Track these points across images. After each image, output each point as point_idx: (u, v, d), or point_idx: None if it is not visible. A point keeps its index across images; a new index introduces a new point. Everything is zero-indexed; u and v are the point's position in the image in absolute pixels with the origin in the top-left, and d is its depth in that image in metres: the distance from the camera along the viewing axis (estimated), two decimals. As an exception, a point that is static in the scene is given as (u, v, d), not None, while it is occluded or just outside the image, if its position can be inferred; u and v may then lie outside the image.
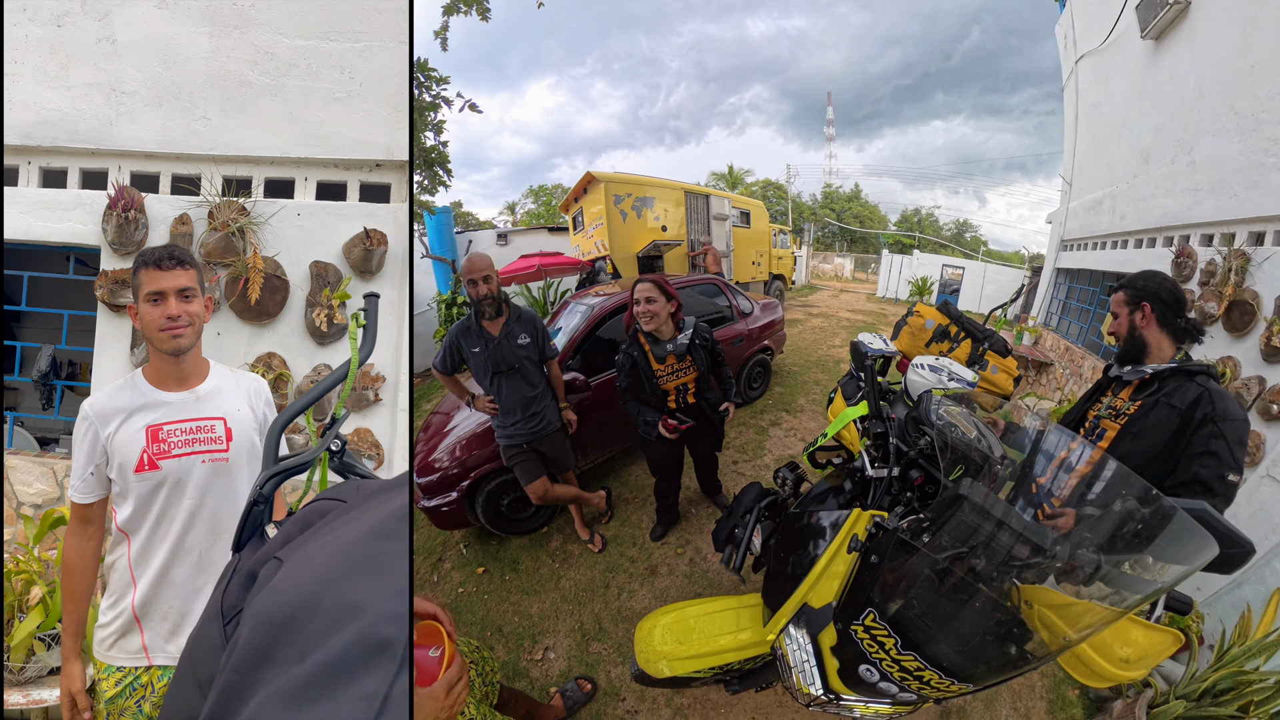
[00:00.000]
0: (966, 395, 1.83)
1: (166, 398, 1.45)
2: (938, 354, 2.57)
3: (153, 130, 2.37)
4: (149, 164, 2.43)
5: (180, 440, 1.42)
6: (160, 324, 1.38)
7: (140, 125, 2.36)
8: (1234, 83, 3.58)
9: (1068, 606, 1.10)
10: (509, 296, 3.17)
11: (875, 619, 1.19)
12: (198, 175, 2.41)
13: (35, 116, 2.32)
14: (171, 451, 1.41)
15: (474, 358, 2.67)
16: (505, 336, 2.64)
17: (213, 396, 1.49)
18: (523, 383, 2.72)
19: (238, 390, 1.54)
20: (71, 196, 2.37)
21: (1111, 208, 5.52)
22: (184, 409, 1.45)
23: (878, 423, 1.63)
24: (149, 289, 1.37)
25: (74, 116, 2.34)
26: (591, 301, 4.08)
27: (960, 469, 1.31)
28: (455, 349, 2.69)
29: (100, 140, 2.36)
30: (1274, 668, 1.96)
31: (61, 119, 2.34)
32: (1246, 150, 3.35)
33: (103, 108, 2.34)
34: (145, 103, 2.35)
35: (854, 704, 1.28)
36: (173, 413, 1.44)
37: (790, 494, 1.91)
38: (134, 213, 2.32)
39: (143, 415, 1.41)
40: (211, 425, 1.46)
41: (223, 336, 2.40)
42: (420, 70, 7.32)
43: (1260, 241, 3.22)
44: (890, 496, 1.49)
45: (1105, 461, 1.25)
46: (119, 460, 1.39)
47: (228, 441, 1.47)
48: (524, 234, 10.58)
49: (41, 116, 2.33)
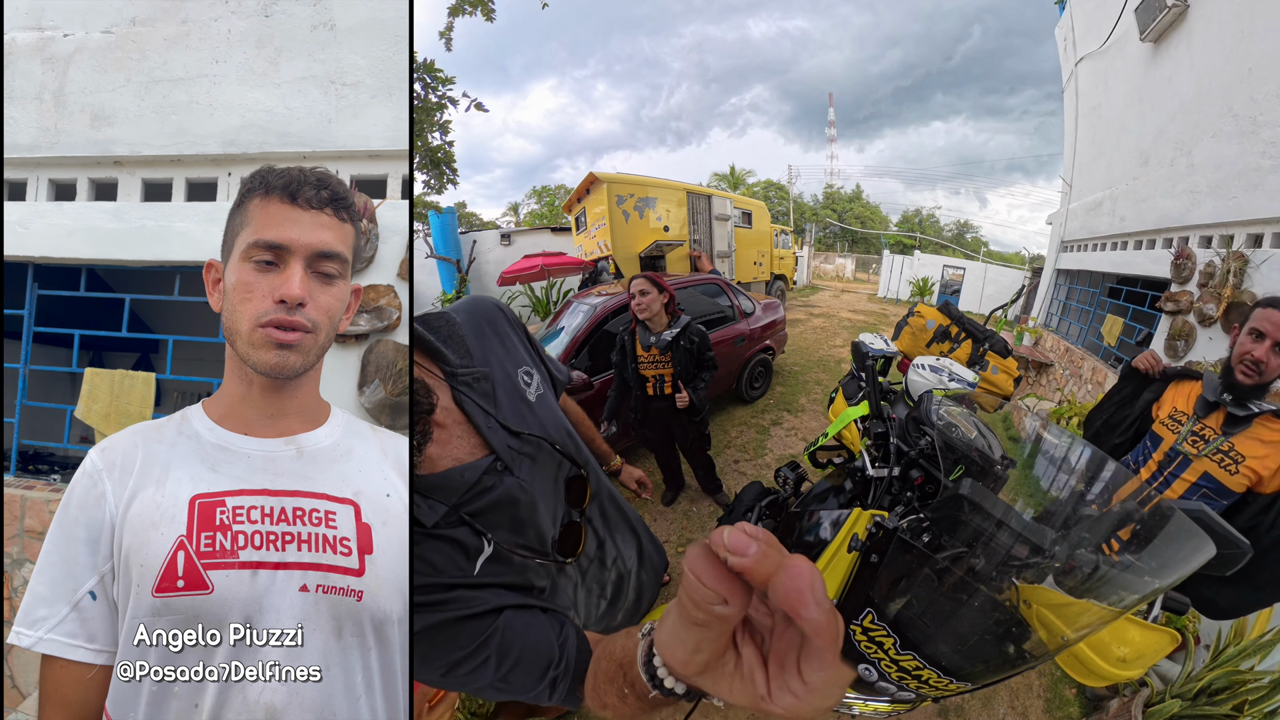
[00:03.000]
0: (967, 395, 1.84)
1: (242, 444, 0.75)
2: (938, 354, 2.59)
3: (380, 124, 2.01)
4: (374, 165, 2.09)
5: (260, 532, 0.69)
6: (262, 311, 0.72)
7: (365, 120, 2.02)
8: (1232, 85, 3.59)
9: (1066, 606, 1.11)
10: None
11: (874, 619, 1.20)
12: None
13: (240, 120, 2.05)
14: (239, 554, 0.68)
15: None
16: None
17: (333, 457, 0.78)
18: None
19: (380, 459, 0.81)
20: None
21: (1111, 209, 5.54)
22: (274, 469, 0.74)
23: (878, 423, 1.64)
24: (260, 236, 0.72)
25: (285, 117, 2.05)
26: (594, 301, 4.10)
27: (960, 469, 1.32)
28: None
29: (316, 141, 2.05)
30: (1269, 667, 1.97)
31: (271, 120, 2.04)
32: (1245, 152, 3.36)
33: (320, 104, 2.03)
34: (371, 94, 2.01)
35: (853, 702, 1.30)
36: (250, 474, 0.73)
37: (791, 493, 1.93)
38: (366, 223, 1.94)
39: (191, 472, 0.72)
40: (330, 512, 0.73)
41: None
42: (426, 71, 7.32)
43: (1258, 243, 3.24)
44: (891, 496, 1.50)
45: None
46: (124, 558, 0.68)
47: (361, 554, 0.72)
48: (527, 234, 10.60)
49: (247, 120, 2.05)
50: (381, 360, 1.91)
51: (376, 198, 2.12)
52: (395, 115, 2.05)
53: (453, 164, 11.79)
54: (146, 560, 0.66)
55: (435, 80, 8.19)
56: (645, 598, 1.25)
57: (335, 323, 0.77)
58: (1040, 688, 2.28)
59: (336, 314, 0.77)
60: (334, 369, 1.98)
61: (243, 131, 2.07)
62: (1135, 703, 2.02)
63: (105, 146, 2.20)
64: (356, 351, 1.98)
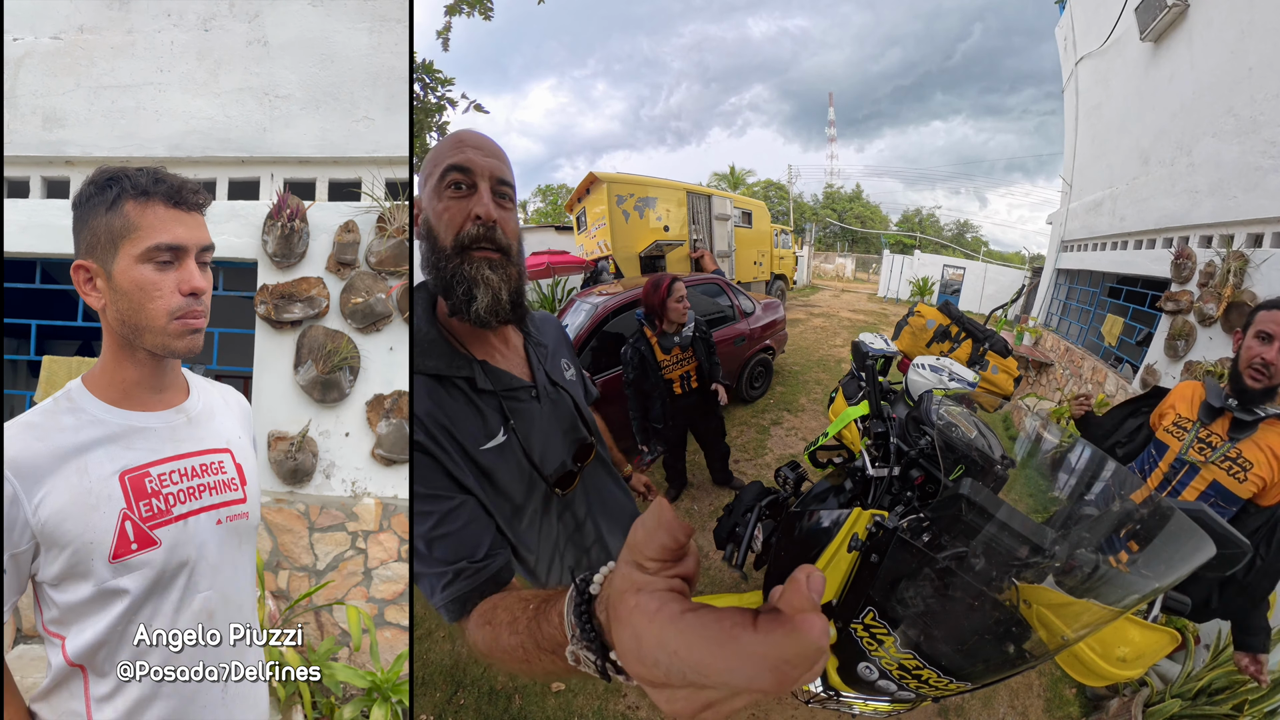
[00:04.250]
0: (967, 395, 1.84)
1: (146, 420, 0.87)
2: (938, 354, 2.59)
3: (309, 134, 2.24)
4: (304, 170, 2.31)
5: (181, 489, 0.87)
6: (175, 306, 0.82)
7: (295, 130, 2.24)
8: (1232, 85, 3.59)
9: (1066, 606, 1.11)
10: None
11: (875, 617, 1.20)
12: (357, 180, 2.28)
13: (184, 126, 2.22)
14: (173, 510, 0.85)
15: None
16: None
17: (207, 417, 0.95)
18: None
19: (227, 410, 1.01)
20: (225, 208, 2.26)
21: (1111, 209, 5.54)
22: (175, 437, 0.89)
23: (878, 422, 1.64)
24: (156, 240, 0.81)
25: (225, 124, 2.23)
26: (595, 300, 4.10)
27: (960, 469, 1.32)
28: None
29: (253, 148, 2.25)
30: (1268, 667, 1.97)
31: (212, 127, 2.23)
32: (1245, 152, 3.36)
33: (255, 113, 2.23)
34: (301, 105, 2.23)
35: (853, 701, 1.30)
36: (160, 444, 0.87)
37: (791, 493, 1.93)
38: (298, 222, 2.18)
39: (110, 454, 0.82)
40: (219, 461, 0.93)
41: (394, 352, 2.21)
42: (425, 72, 7.31)
43: (1259, 243, 3.24)
44: (891, 496, 1.51)
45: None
46: (70, 543, 0.78)
47: (242, 485, 0.95)
48: (532, 232, 10.62)
49: (190, 126, 2.23)
50: (313, 343, 2.15)
51: (307, 199, 2.28)
52: (323, 126, 2.25)
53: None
54: (95, 537, 0.79)
55: (434, 80, 8.19)
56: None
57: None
58: (1040, 687, 2.28)
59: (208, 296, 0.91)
60: (271, 351, 2.22)
61: (187, 136, 2.23)
62: (1135, 702, 2.02)
63: (57, 147, 2.31)
64: (292, 336, 2.21)
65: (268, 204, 2.23)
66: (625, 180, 8.54)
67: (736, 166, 34.97)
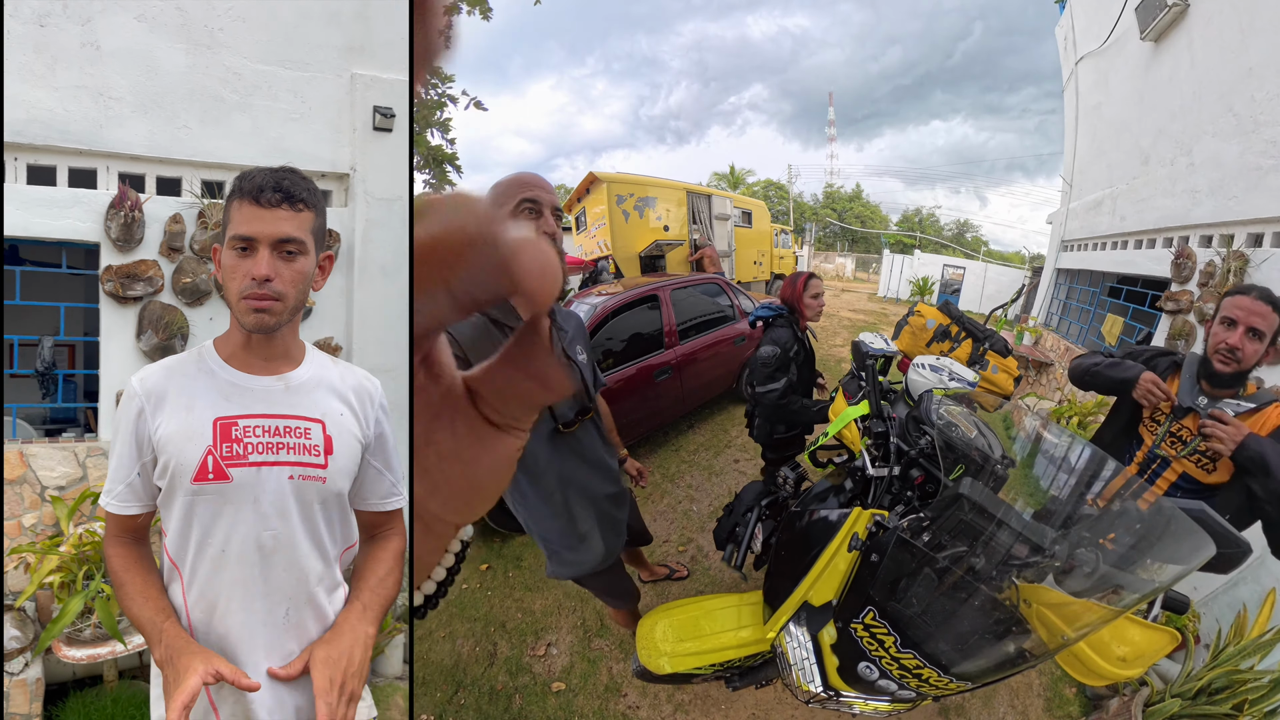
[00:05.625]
0: (967, 395, 1.84)
1: (248, 381, 1.03)
2: (939, 354, 2.59)
3: (140, 135, 2.46)
4: (136, 166, 2.54)
5: (261, 443, 1.01)
6: (243, 287, 0.97)
7: (128, 129, 2.44)
8: (1232, 85, 3.60)
9: (1066, 605, 1.12)
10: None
11: (875, 617, 1.20)
12: (179, 178, 2.57)
13: (26, 115, 2.34)
14: (248, 457, 1.00)
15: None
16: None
17: (309, 389, 1.07)
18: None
19: (342, 386, 1.11)
20: (69, 195, 2.42)
21: (1111, 208, 5.54)
22: (270, 400, 1.03)
23: (879, 422, 1.64)
24: (237, 231, 0.96)
25: (65, 117, 2.38)
26: (594, 300, 4.10)
27: (960, 468, 1.32)
28: None
29: (90, 141, 2.42)
30: (1268, 666, 1.98)
31: (53, 119, 2.37)
32: (1245, 152, 3.37)
33: (91, 111, 2.40)
34: (131, 109, 2.44)
35: (853, 701, 1.30)
36: (254, 403, 1.02)
37: (791, 493, 1.93)
38: (137, 212, 2.42)
39: (211, 401, 1.01)
40: (306, 428, 1.04)
41: (214, 321, 2.55)
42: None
43: (1259, 243, 3.24)
44: (891, 495, 1.51)
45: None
46: (170, 461, 0.99)
47: (325, 454, 1.05)
48: (529, 232, 10.59)
49: (33, 115, 2.35)
50: (152, 315, 2.49)
51: (143, 193, 2.57)
52: (150, 129, 2.50)
53: (455, 162, 11.80)
54: (184, 461, 0.98)
55: (434, 77, 8.19)
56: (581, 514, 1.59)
57: (303, 287, 1.01)
58: (1040, 687, 2.29)
59: (302, 281, 1.01)
60: (116, 323, 2.48)
61: (29, 125, 2.34)
62: (1135, 702, 2.02)
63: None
64: (134, 310, 2.50)
65: (105, 193, 2.44)
66: (625, 180, 8.54)
67: (736, 166, 35.03)
